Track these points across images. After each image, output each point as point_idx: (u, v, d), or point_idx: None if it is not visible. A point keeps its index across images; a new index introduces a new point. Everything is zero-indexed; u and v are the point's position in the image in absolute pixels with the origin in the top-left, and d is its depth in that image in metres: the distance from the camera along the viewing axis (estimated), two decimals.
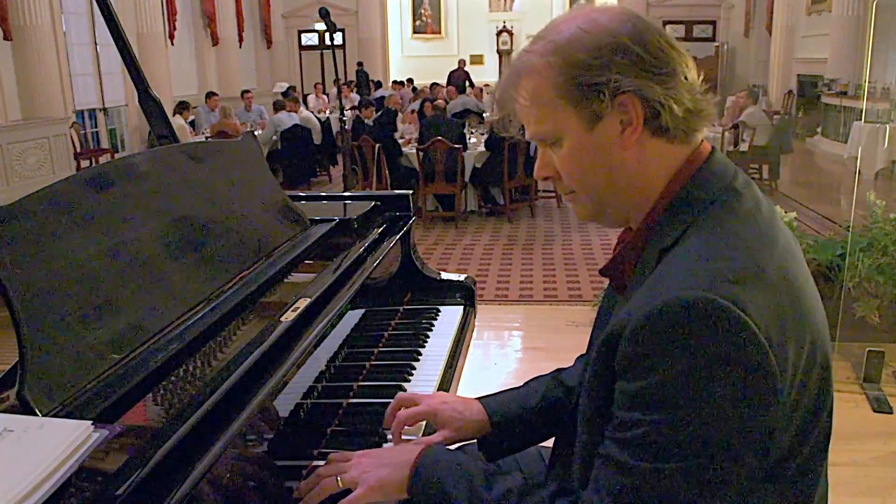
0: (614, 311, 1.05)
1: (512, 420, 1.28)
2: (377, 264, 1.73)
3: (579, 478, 1.01)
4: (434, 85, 13.09)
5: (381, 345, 1.75)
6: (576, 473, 1.03)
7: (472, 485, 1.02)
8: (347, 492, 1.08)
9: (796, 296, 0.90)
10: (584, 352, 1.29)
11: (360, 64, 16.29)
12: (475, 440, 1.30)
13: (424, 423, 1.34)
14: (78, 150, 9.50)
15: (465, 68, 16.48)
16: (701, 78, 0.97)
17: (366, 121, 8.30)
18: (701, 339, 0.82)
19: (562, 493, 0.98)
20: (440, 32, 19.26)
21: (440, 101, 8.95)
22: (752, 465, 0.86)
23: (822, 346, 0.93)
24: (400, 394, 1.35)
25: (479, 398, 1.32)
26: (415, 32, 19.37)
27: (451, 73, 15.99)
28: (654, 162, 0.96)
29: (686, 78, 0.94)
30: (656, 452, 0.84)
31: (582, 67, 0.92)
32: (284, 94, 10.86)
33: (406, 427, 1.29)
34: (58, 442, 0.83)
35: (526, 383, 1.36)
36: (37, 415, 0.92)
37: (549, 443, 1.29)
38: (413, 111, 9.60)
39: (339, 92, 5.43)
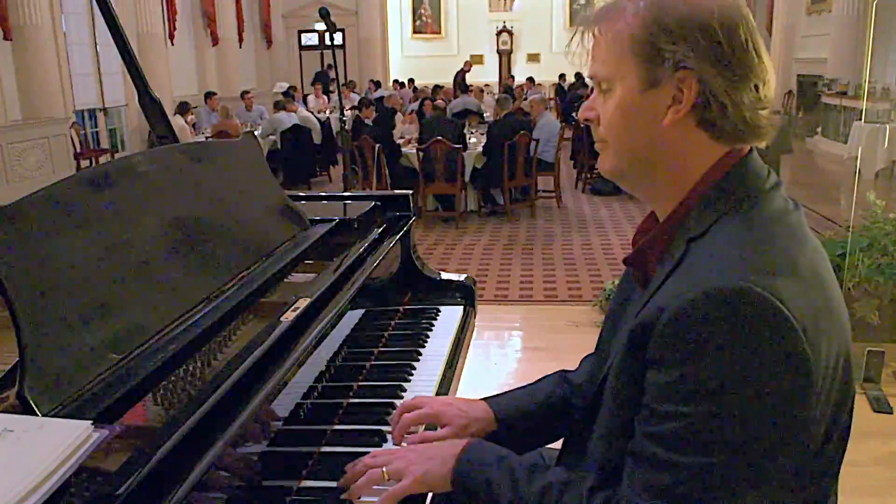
0: (636, 302, 1.04)
1: (518, 417, 1.28)
2: (377, 264, 1.73)
3: (600, 471, 1.00)
4: (437, 87, 13.09)
5: (381, 345, 1.75)
6: (595, 466, 1.02)
7: (515, 479, 1.02)
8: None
9: (827, 293, 0.90)
10: (590, 352, 1.29)
11: (329, 67, 15.41)
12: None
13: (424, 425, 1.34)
14: (78, 150, 9.50)
15: (469, 70, 16.43)
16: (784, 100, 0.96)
17: (366, 120, 8.30)
18: (739, 329, 0.81)
19: (599, 487, 0.97)
20: (440, 32, 19.26)
21: (440, 100, 8.97)
22: (792, 458, 0.86)
23: (847, 344, 0.93)
24: (407, 400, 1.35)
25: (484, 398, 1.32)
26: (415, 32, 19.38)
27: (457, 73, 15.97)
28: (695, 154, 0.95)
29: (756, 89, 0.92)
30: (694, 446, 0.84)
31: (663, 30, 0.92)
32: (286, 93, 10.86)
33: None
34: (58, 442, 0.83)
35: (531, 383, 1.36)
36: (37, 415, 0.92)
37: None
38: (413, 111, 9.61)
39: (340, 92, 5.42)
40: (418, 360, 1.68)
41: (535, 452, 1.41)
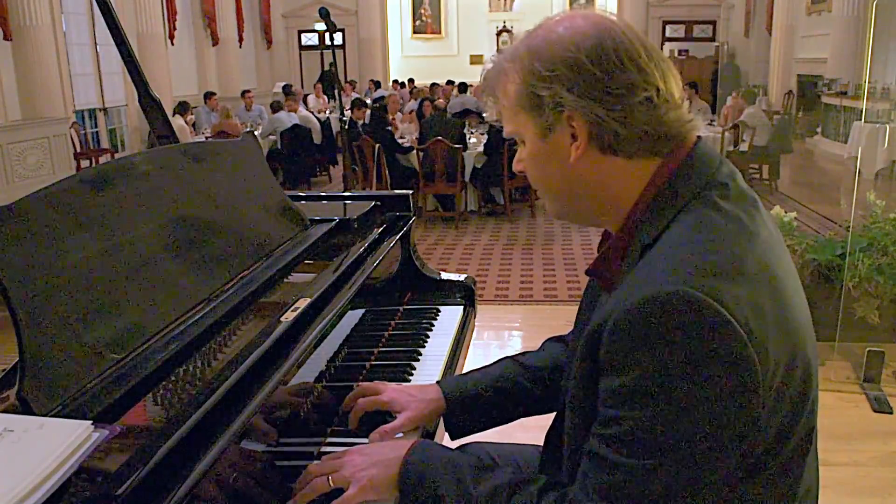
0: (598, 306, 1.06)
1: (467, 398, 1.32)
2: (377, 264, 1.72)
3: (569, 473, 1.01)
4: (434, 85, 13.09)
5: (381, 345, 1.75)
6: (565, 468, 1.04)
7: (462, 481, 1.02)
8: (340, 491, 1.08)
9: (777, 289, 0.90)
10: (554, 335, 1.37)
11: (331, 65, 15.69)
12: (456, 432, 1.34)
13: (416, 435, 1.33)
14: (78, 150, 9.50)
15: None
16: (683, 99, 0.96)
17: (358, 122, 8.28)
18: (679, 333, 0.82)
19: (550, 488, 0.98)
20: (440, 32, 19.26)
21: (440, 100, 8.96)
22: (735, 458, 0.87)
23: (805, 340, 0.92)
24: (363, 384, 1.37)
25: (437, 381, 1.37)
26: (415, 32, 19.37)
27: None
28: (617, 178, 0.96)
29: (649, 100, 0.92)
30: (640, 449, 0.85)
31: (536, 77, 0.94)
32: (285, 91, 10.84)
33: (398, 436, 1.30)
34: (58, 442, 0.83)
35: (485, 366, 1.39)
36: (37, 415, 0.92)
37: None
38: (412, 111, 9.61)
39: (340, 92, 5.43)
40: (418, 360, 1.68)
41: (531, 448, 1.42)
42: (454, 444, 1.44)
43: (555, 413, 1.20)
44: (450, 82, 13.57)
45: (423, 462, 1.07)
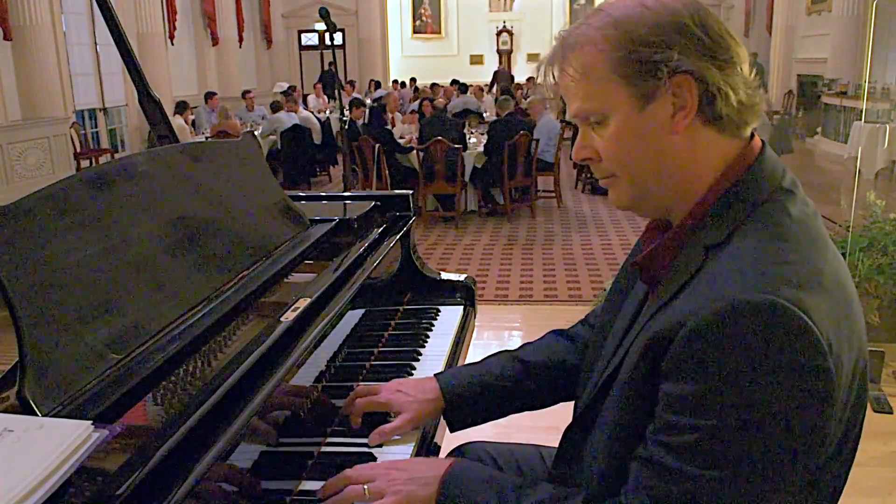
0: (644, 302, 1.02)
1: (466, 395, 1.32)
2: (377, 264, 1.72)
3: (596, 476, 0.99)
4: (434, 85, 13.10)
5: (381, 345, 1.75)
6: (586, 472, 1.02)
7: (504, 498, 1.00)
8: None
9: (847, 301, 0.88)
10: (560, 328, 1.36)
11: (331, 64, 15.52)
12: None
13: (417, 434, 1.33)
14: (78, 150, 9.51)
15: (505, 68, 16.47)
16: (754, 73, 0.95)
17: (356, 121, 8.29)
18: (764, 342, 0.79)
19: (592, 500, 0.95)
20: (440, 32, 19.28)
21: (440, 100, 8.97)
22: (806, 472, 0.84)
23: (864, 350, 0.91)
24: (359, 387, 1.38)
25: (435, 374, 1.36)
26: (415, 32, 19.40)
27: (496, 72, 15.97)
28: (705, 153, 0.93)
29: (742, 69, 0.91)
30: (708, 459, 0.82)
31: (642, 43, 0.89)
32: (285, 93, 10.85)
33: (396, 437, 1.30)
34: (58, 442, 0.83)
35: (483, 359, 1.38)
36: (37, 415, 0.92)
37: (547, 441, 1.30)
38: (413, 111, 9.62)
39: (340, 91, 5.43)
40: (418, 360, 1.68)
41: (534, 450, 1.42)
42: (456, 441, 1.44)
43: (568, 409, 1.18)
44: (454, 82, 13.58)
45: (462, 480, 1.05)
